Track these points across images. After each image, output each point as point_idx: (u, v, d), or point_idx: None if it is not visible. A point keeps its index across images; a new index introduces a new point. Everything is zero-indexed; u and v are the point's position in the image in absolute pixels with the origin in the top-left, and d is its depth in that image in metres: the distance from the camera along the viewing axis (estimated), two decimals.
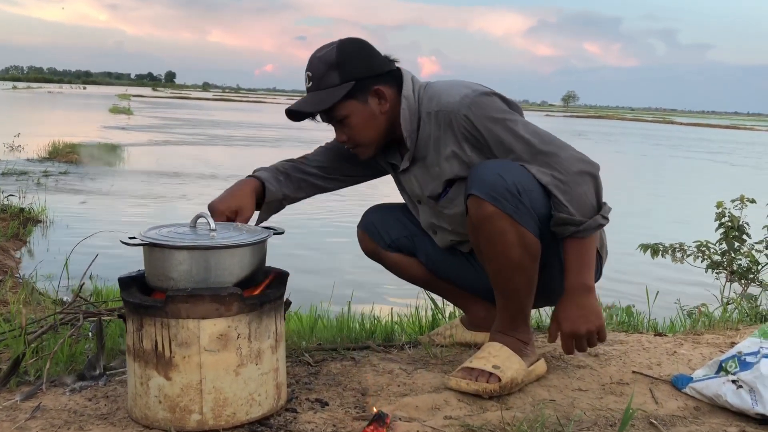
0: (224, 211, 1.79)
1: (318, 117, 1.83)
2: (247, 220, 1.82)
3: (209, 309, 1.43)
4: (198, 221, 1.61)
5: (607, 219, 1.72)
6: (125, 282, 1.55)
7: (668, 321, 2.94)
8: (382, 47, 1.78)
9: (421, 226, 2.03)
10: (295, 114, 1.80)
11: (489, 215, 1.67)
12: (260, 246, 1.56)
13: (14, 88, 79.38)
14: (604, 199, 1.73)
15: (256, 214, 1.91)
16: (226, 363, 1.46)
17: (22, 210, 6.88)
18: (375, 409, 1.55)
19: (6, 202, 7.10)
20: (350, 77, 1.75)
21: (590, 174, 1.69)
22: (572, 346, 1.74)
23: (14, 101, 42.83)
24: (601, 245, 1.86)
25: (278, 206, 1.98)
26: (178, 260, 1.46)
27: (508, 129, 1.71)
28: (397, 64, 1.86)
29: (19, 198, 7.24)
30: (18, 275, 4.82)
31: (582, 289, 1.71)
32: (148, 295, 1.54)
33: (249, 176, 1.93)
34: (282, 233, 1.67)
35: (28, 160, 11.68)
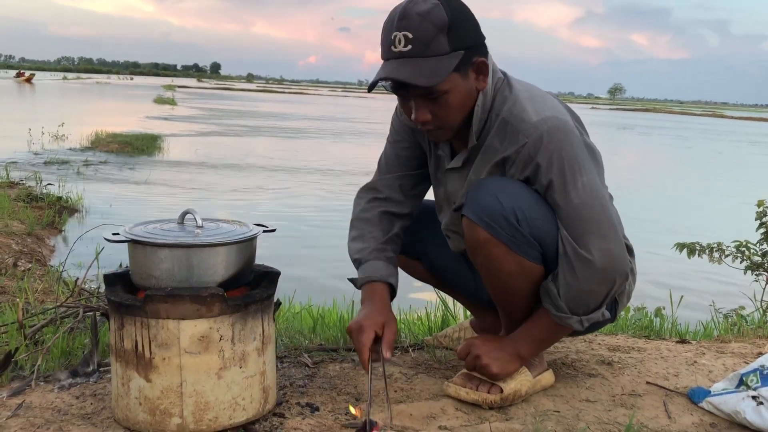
0: (372, 326, 1.54)
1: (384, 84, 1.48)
2: (394, 332, 1.57)
3: (189, 309, 1.38)
4: (185, 217, 1.56)
5: (582, 326, 1.56)
6: (110, 279, 1.51)
7: (700, 325, 2.79)
8: None
9: (426, 231, 1.89)
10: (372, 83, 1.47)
11: (483, 241, 1.53)
12: (247, 244, 1.50)
13: (64, 79, 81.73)
14: (605, 308, 1.58)
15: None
16: (207, 365, 1.41)
17: (59, 199, 7.02)
18: (359, 415, 1.48)
19: (44, 191, 7.26)
20: (460, 45, 1.44)
21: (612, 279, 1.51)
22: (466, 356, 1.66)
23: (63, 92, 44.02)
24: (621, 293, 1.65)
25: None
26: (160, 258, 1.41)
27: (564, 182, 1.47)
28: None
29: (58, 187, 7.39)
30: (50, 264, 4.92)
31: (513, 352, 1.64)
32: (134, 293, 1.49)
33: (371, 281, 1.67)
34: (274, 231, 1.60)
35: (70, 149, 11.93)
